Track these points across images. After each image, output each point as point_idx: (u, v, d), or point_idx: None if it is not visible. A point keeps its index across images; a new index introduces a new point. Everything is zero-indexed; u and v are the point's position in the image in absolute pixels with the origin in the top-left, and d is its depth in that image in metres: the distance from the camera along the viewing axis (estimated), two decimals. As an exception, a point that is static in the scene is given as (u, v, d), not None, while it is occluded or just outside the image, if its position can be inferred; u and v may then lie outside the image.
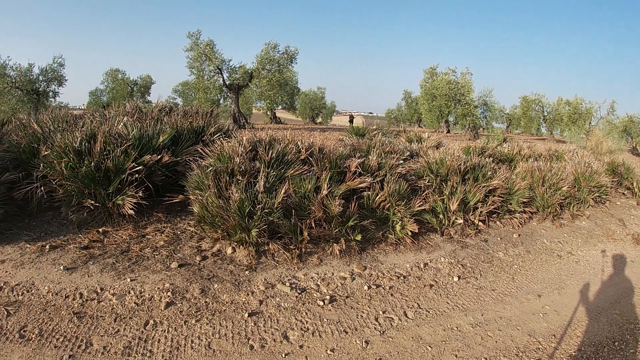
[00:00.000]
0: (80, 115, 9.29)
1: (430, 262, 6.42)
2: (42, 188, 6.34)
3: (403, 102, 43.23)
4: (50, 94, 23.83)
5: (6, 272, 5.10)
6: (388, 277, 5.82)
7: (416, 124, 40.10)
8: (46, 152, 6.40)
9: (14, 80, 22.06)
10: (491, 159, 9.98)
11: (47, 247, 5.69)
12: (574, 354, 4.44)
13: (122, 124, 7.24)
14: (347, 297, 5.27)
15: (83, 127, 7.09)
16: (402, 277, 5.86)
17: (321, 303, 5.05)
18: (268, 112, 33.45)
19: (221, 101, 25.17)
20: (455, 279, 6.02)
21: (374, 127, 12.26)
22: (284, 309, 4.90)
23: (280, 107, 35.30)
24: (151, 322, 4.45)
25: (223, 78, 21.37)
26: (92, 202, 6.17)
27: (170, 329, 4.37)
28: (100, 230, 6.24)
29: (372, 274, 5.85)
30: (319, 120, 43.98)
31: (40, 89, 23.03)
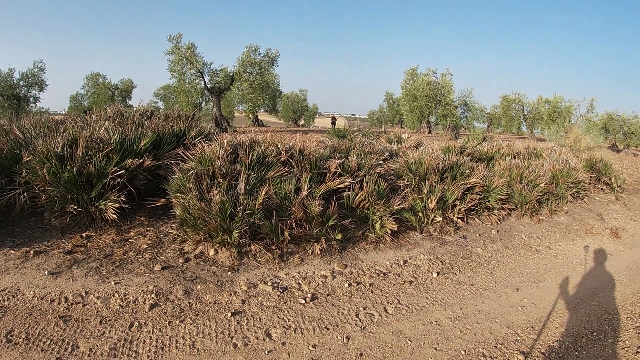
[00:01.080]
0: (62, 121, 9.26)
1: (410, 259, 6.57)
2: (24, 194, 6.31)
3: (385, 103, 43.46)
4: (31, 99, 23.59)
5: None
6: (368, 274, 5.95)
7: (398, 125, 40.34)
8: (28, 158, 6.37)
9: None
10: (469, 157, 10.15)
11: (32, 252, 5.68)
12: (552, 344, 4.59)
13: (103, 128, 7.24)
14: (328, 294, 5.39)
15: (65, 132, 7.06)
16: (382, 274, 6.00)
17: (303, 301, 5.16)
18: (250, 115, 33.42)
19: (203, 104, 25.12)
20: (435, 274, 6.17)
21: (355, 128, 12.40)
22: (267, 307, 4.99)
23: (262, 110, 35.29)
24: (136, 323, 4.50)
25: (204, 81, 21.30)
26: (75, 207, 6.17)
27: (154, 329, 4.43)
28: (83, 235, 6.24)
29: (352, 272, 5.98)
30: (302, 122, 43.90)
31: (20, 94, 22.75)
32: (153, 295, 4.99)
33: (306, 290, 5.44)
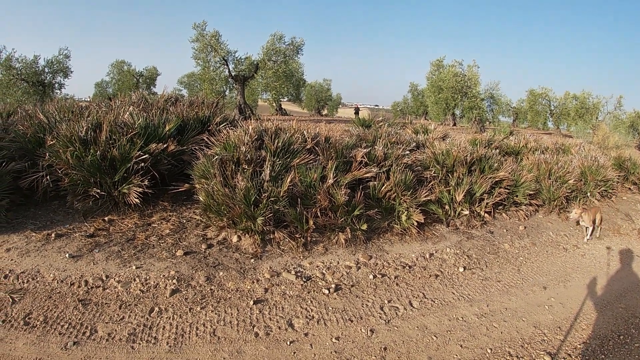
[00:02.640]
0: (86, 106, 9.27)
1: (436, 252, 6.40)
2: (47, 177, 6.33)
3: (409, 94, 42.69)
4: (56, 85, 23.80)
5: (12, 260, 5.11)
6: (393, 266, 5.81)
7: (422, 117, 39.71)
8: (52, 142, 6.38)
9: (19, 72, 22.06)
10: (497, 150, 9.89)
11: (53, 235, 5.69)
12: (579, 346, 4.42)
13: (127, 113, 7.22)
14: (352, 285, 5.27)
15: (89, 117, 7.05)
16: (407, 267, 5.85)
17: (326, 291, 5.05)
18: (274, 104, 33.32)
19: (227, 92, 25.06)
20: (461, 269, 6.00)
21: (380, 118, 12.16)
22: (289, 297, 4.90)
23: (286, 98, 35.15)
24: (156, 309, 4.45)
25: (229, 69, 21.31)
26: (98, 190, 6.18)
27: (175, 316, 4.38)
28: (105, 218, 6.25)
29: (377, 264, 5.84)
30: (325, 112, 43.53)
31: (46, 81, 22.99)
32: (174, 281, 4.94)
33: (330, 281, 5.32)
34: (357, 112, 32.84)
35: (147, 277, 4.98)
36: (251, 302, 4.69)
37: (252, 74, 21.69)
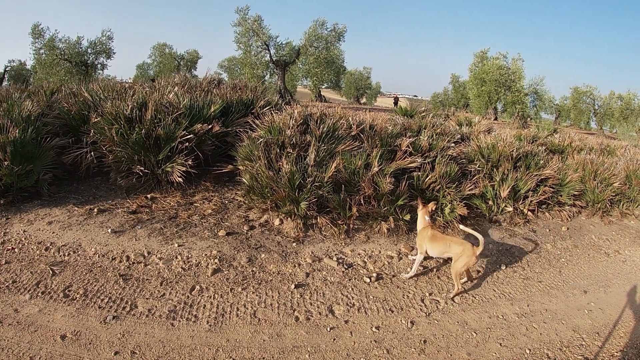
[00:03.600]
0: (130, 86, 9.42)
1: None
2: (91, 153, 6.47)
3: (450, 85, 41.83)
4: (99, 66, 24.53)
5: (53, 233, 5.23)
6: (435, 259, 5.70)
7: (463, 109, 38.93)
8: (97, 119, 6.50)
9: (62, 52, 22.80)
10: (544, 148, 9.60)
11: (95, 210, 5.81)
12: (616, 354, 4.25)
13: (172, 93, 7.30)
14: (393, 276, 5.20)
15: (134, 96, 7.16)
16: (449, 261, 5.73)
17: (367, 280, 5.00)
18: (313, 90, 33.26)
19: (267, 77, 25.17)
20: (503, 267, 5.84)
21: (423, 108, 11.94)
22: (330, 283, 4.88)
23: (325, 85, 35.03)
24: (197, 287, 4.50)
25: (270, 54, 21.38)
26: (142, 168, 6.30)
27: (216, 295, 4.42)
28: (148, 196, 6.35)
29: (419, 255, 5.75)
30: (363, 100, 43.21)
31: (88, 61, 23.64)
32: (216, 260, 4.98)
33: (371, 269, 5.27)
34: (396, 102, 32.41)
35: (189, 256, 5.03)
36: (292, 286, 4.69)
37: (293, 59, 21.72)
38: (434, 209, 5.49)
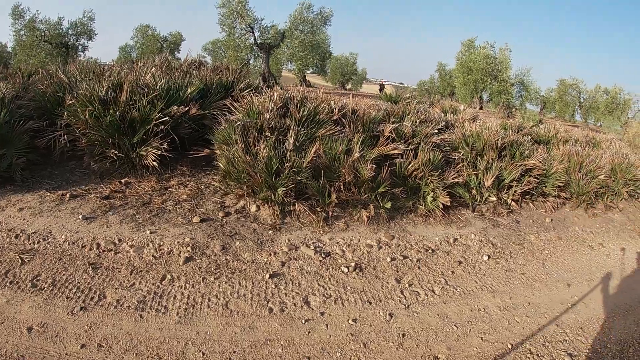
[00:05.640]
0: (108, 68, 9.16)
1: (460, 237, 6.12)
2: (65, 137, 6.26)
3: (436, 74, 41.73)
4: (80, 47, 24.19)
5: (24, 219, 5.02)
6: (416, 249, 5.55)
7: (448, 98, 38.94)
8: (71, 101, 6.25)
9: (43, 34, 22.44)
10: (529, 137, 9.51)
11: (68, 195, 5.60)
12: (599, 349, 4.17)
13: (149, 75, 7.05)
14: (372, 266, 5.03)
15: (109, 77, 6.92)
16: (430, 251, 5.59)
17: (345, 270, 4.82)
18: (298, 75, 32.96)
19: (251, 61, 24.86)
20: (485, 257, 5.72)
21: (408, 95, 11.74)
22: (307, 272, 4.70)
23: (310, 70, 34.73)
24: (168, 276, 4.31)
25: (254, 37, 20.95)
26: (116, 152, 6.09)
27: (187, 285, 4.23)
28: (122, 181, 6.16)
29: (399, 245, 5.58)
30: (349, 86, 43.05)
31: (69, 43, 23.29)
32: (189, 249, 4.78)
33: (350, 259, 5.09)
34: (381, 89, 32.22)
35: (161, 243, 4.84)
36: (267, 276, 4.50)
37: (277, 42, 21.37)
38: None
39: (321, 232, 5.52)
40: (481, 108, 28.83)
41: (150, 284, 4.16)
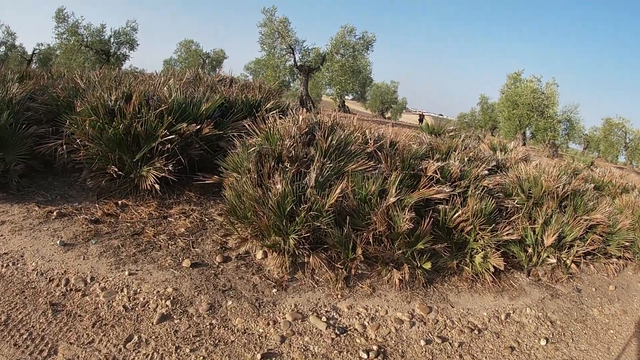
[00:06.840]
0: (135, 77, 8.61)
1: (514, 312, 4.91)
2: (64, 147, 5.77)
3: (478, 106, 40.96)
4: (121, 56, 25.20)
5: (1, 235, 4.52)
6: (458, 327, 4.34)
7: (489, 132, 37.71)
8: (80, 108, 5.71)
9: (85, 39, 23.40)
10: (592, 185, 8.23)
11: (55, 213, 5.05)
12: None
13: (166, 86, 6.45)
14: (400, 352, 3.84)
15: (119, 86, 6.48)
16: (476, 331, 4.37)
17: (365, 356, 3.65)
18: (337, 99, 32.71)
19: (291, 83, 24.74)
20: (543, 342, 4.49)
21: (452, 127, 10.59)
22: (313, 355, 3.57)
23: (350, 96, 34.61)
24: (135, 338, 3.41)
25: (294, 58, 20.95)
26: (116, 169, 5.46)
27: (155, 354, 3.29)
28: (119, 202, 5.49)
29: (438, 321, 4.36)
30: (388, 115, 43.03)
31: (110, 51, 23.76)
32: (168, 303, 3.84)
33: (372, 338, 3.90)
34: (421, 120, 31.48)
35: (138, 290, 3.97)
36: (258, 356, 3.42)
37: (317, 65, 21.09)
38: None
39: (339, 295, 4.38)
40: (524, 144, 27.42)
41: (112, 345, 3.29)
